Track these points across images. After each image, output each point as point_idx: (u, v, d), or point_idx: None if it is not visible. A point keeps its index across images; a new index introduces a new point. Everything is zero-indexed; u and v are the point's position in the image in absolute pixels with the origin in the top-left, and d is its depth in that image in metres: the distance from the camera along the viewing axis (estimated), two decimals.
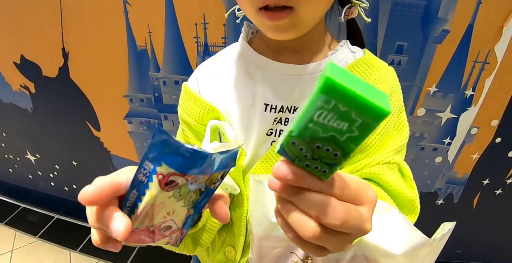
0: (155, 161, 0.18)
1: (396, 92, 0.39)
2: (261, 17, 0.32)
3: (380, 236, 0.27)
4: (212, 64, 0.43)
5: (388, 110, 0.13)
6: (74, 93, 0.94)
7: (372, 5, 0.61)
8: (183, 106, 0.42)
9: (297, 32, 0.34)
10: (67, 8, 0.80)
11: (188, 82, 0.43)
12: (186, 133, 0.42)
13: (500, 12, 0.62)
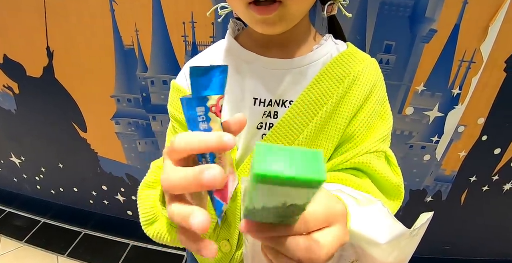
0: (201, 100, 0.19)
1: (379, 82, 0.40)
2: (251, 11, 0.33)
3: (365, 226, 0.28)
4: (200, 60, 0.44)
5: (321, 178, 0.14)
6: (60, 93, 0.92)
7: (360, 4, 0.61)
8: (173, 103, 0.43)
9: (284, 26, 0.35)
10: (51, 6, 0.78)
11: (176, 79, 0.44)
12: (177, 129, 0.43)
13: (486, 12, 0.63)
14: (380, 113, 0.39)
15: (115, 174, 1.04)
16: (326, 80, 0.38)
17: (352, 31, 0.64)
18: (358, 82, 0.38)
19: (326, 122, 0.38)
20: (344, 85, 0.38)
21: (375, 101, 0.38)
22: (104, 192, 1.12)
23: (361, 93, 0.38)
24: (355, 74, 0.38)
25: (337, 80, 0.38)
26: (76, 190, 1.18)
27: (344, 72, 0.38)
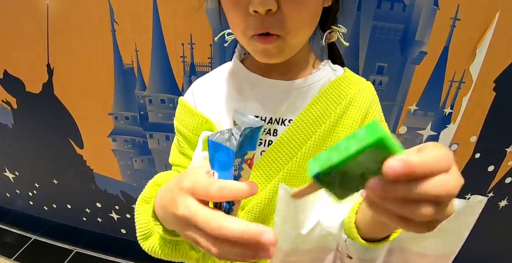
0: (242, 153, 0.23)
1: (375, 103, 0.43)
2: (253, 41, 0.36)
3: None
4: (207, 80, 0.47)
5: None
6: (58, 110, 0.92)
7: (353, 28, 0.64)
8: (179, 118, 0.45)
9: (284, 57, 0.38)
10: (54, 24, 0.80)
11: (184, 96, 0.47)
12: (181, 143, 0.45)
13: (473, 35, 0.65)
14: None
15: (110, 191, 1.03)
16: (324, 101, 0.41)
17: (346, 53, 0.66)
18: (355, 104, 0.41)
19: (324, 141, 0.39)
20: (341, 106, 0.40)
21: (372, 119, 0.41)
22: (98, 209, 1.10)
23: (358, 113, 0.40)
24: (351, 96, 0.41)
25: (335, 102, 0.41)
26: (69, 206, 1.16)
27: (341, 94, 0.41)
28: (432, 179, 0.18)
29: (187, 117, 0.44)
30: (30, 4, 0.79)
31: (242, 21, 0.35)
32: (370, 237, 0.31)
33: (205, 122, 0.42)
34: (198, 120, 0.42)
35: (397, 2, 0.62)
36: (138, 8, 0.71)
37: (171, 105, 0.80)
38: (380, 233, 0.30)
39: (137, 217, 0.38)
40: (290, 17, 0.33)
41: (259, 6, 0.32)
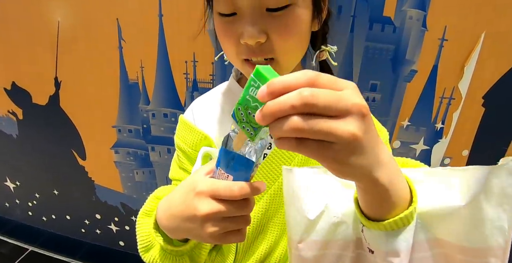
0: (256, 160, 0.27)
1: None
2: (247, 67, 0.38)
3: (433, 200, 0.26)
4: (206, 99, 0.50)
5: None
6: (63, 121, 0.95)
7: (347, 49, 0.68)
8: (180, 135, 0.48)
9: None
10: (64, 40, 0.84)
11: (184, 114, 0.49)
12: (181, 158, 0.47)
13: (461, 54, 0.69)
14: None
15: (110, 203, 1.04)
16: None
17: (341, 72, 0.70)
18: None
19: None
20: None
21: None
22: (97, 221, 1.10)
23: None
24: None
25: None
26: (68, 217, 1.16)
27: None
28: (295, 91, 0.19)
29: (187, 134, 0.46)
30: (42, 20, 0.83)
31: (234, 47, 0.37)
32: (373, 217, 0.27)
33: (204, 138, 0.45)
34: (198, 137, 0.45)
35: (388, 24, 0.66)
36: (145, 27, 0.75)
37: (173, 120, 0.83)
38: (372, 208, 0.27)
39: (138, 229, 0.39)
40: (279, 45, 0.36)
41: (249, 39, 0.34)
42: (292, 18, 0.35)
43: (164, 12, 0.72)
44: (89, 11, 0.78)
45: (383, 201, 0.25)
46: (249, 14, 0.34)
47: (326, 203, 0.31)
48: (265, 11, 0.35)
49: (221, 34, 0.38)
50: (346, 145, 0.20)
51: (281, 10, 0.35)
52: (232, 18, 0.36)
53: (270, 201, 0.43)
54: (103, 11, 0.77)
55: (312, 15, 0.39)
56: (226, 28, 0.37)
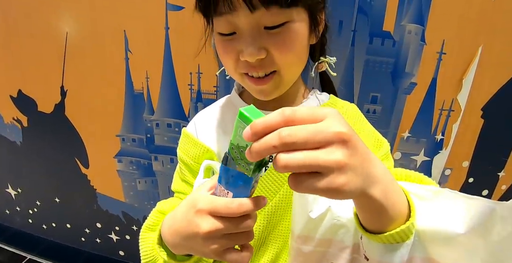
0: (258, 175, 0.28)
1: (360, 122, 0.47)
2: (246, 80, 0.39)
3: (435, 221, 0.26)
4: (208, 112, 0.51)
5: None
6: (67, 130, 0.96)
7: (348, 62, 0.70)
8: (182, 148, 0.49)
9: (279, 93, 0.42)
10: (71, 50, 0.86)
11: (187, 127, 0.51)
12: (183, 171, 0.48)
13: (459, 67, 0.70)
14: (373, 142, 0.45)
15: (111, 212, 1.04)
16: None
17: (342, 84, 0.71)
18: None
19: None
20: None
21: (362, 135, 0.44)
22: (97, 229, 1.10)
23: None
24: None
25: None
26: (69, 226, 1.16)
27: None
28: (275, 132, 0.21)
29: (190, 147, 0.47)
30: (51, 30, 0.85)
31: (233, 63, 0.39)
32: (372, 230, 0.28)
33: (206, 151, 0.45)
34: (200, 150, 0.46)
35: (387, 39, 0.68)
36: (151, 39, 0.77)
37: (177, 130, 0.84)
38: (370, 221, 0.28)
39: (142, 244, 0.40)
40: (280, 59, 0.37)
41: (249, 57, 0.36)
42: (290, 35, 0.37)
43: (171, 25, 0.74)
44: (97, 23, 0.80)
45: (380, 215, 0.25)
46: (248, 33, 0.36)
47: (329, 205, 0.33)
48: (263, 29, 0.36)
49: (221, 51, 0.40)
50: (334, 172, 0.21)
51: (279, 28, 0.36)
52: (231, 36, 0.38)
53: (271, 213, 0.43)
54: (110, 23, 0.79)
55: (309, 29, 0.40)
56: (226, 46, 0.38)
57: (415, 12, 0.65)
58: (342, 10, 0.65)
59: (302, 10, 0.38)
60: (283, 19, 0.36)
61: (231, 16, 0.36)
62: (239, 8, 0.35)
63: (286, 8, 0.35)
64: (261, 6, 0.34)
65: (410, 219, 0.26)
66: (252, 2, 0.34)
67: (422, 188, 0.30)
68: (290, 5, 0.35)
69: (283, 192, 0.43)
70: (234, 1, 0.34)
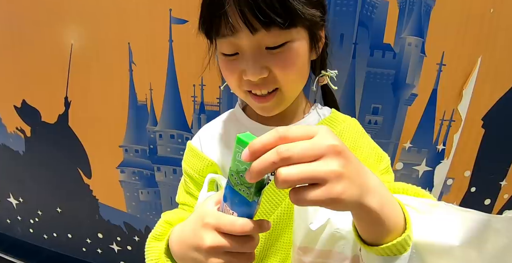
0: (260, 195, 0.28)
1: (361, 136, 0.48)
2: (249, 97, 0.40)
3: (431, 233, 0.27)
4: (213, 126, 0.52)
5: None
6: (70, 140, 0.96)
7: (349, 74, 0.71)
8: (187, 161, 0.50)
9: (280, 109, 0.43)
10: (76, 61, 0.87)
11: (192, 140, 0.52)
12: (188, 184, 0.49)
13: (459, 78, 0.71)
14: (373, 157, 0.46)
15: (113, 222, 1.03)
16: None
17: (343, 96, 0.72)
18: (342, 139, 0.45)
19: None
20: None
21: (361, 151, 0.45)
22: (99, 240, 1.09)
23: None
24: (337, 134, 0.46)
25: None
26: (70, 236, 1.15)
27: None
28: (273, 150, 0.23)
29: (194, 160, 0.48)
30: (56, 42, 0.86)
31: (237, 82, 0.40)
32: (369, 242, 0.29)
33: (211, 165, 0.47)
34: (204, 163, 0.47)
35: (388, 51, 0.69)
36: (155, 52, 0.78)
37: (180, 141, 0.85)
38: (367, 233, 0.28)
39: (148, 253, 0.40)
40: (281, 77, 0.38)
41: (251, 76, 0.37)
42: (291, 54, 0.38)
43: (174, 37, 0.76)
44: (102, 35, 0.82)
45: (377, 226, 0.26)
46: (250, 54, 0.38)
47: (329, 217, 0.34)
48: (264, 49, 0.38)
49: (224, 70, 0.41)
50: (332, 182, 0.22)
51: (280, 48, 0.38)
52: (234, 57, 0.39)
53: (273, 226, 0.44)
54: (115, 35, 0.80)
55: (310, 46, 0.41)
56: (230, 66, 0.40)
57: (414, 25, 0.67)
58: (343, 24, 0.67)
59: (301, 29, 0.39)
60: (283, 39, 0.37)
61: (233, 38, 0.37)
62: (240, 31, 0.36)
63: (286, 29, 0.36)
64: (262, 28, 0.36)
65: (405, 231, 0.27)
66: (253, 25, 0.35)
67: (418, 201, 0.30)
68: (290, 26, 0.36)
69: (284, 206, 0.43)
70: (235, 24, 0.36)
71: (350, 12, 0.66)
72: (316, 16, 0.39)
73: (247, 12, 0.35)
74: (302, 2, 0.36)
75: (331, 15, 0.66)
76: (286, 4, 0.35)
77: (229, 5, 0.35)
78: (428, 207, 0.29)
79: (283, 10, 0.35)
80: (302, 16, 0.36)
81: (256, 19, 0.35)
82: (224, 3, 0.35)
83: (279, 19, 0.34)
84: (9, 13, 0.89)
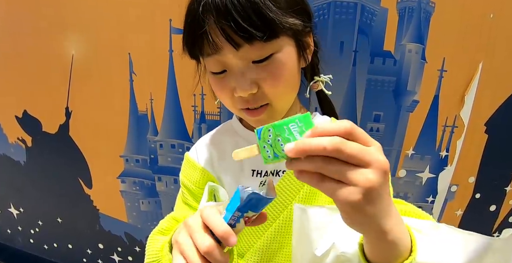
0: (244, 210, 0.28)
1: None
2: (244, 114, 0.41)
3: (434, 255, 0.28)
4: (210, 138, 0.52)
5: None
6: (71, 150, 0.96)
7: (350, 81, 0.70)
8: (185, 172, 0.50)
9: (275, 120, 0.42)
10: (77, 72, 0.87)
11: (189, 152, 0.52)
12: (185, 195, 0.49)
13: (460, 84, 0.71)
14: None
15: (114, 232, 1.02)
16: None
17: (344, 103, 0.72)
18: None
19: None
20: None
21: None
22: (99, 250, 1.08)
23: None
24: None
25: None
26: (70, 246, 1.14)
27: None
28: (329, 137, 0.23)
29: (191, 172, 0.48)
30: (57, 53, 0.87)
31: (229, 100, 0.40)
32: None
33: (207, 176, 0.47)
34: (201, 175, 0.47)
35: (388, 58, 0.69)
36: (155, 62, 0.78)
37: (181, 150, 0.84)
38: (377, 255, 0.29)
39: (150, 244, 0.41)
40: (271, 92, 0.39)
41: (241, 93, 0.37)
42: (278, 65, 0.38)
43: (174, 48, 0.76)
44: (102, 46, 0.82)
45: (388, 249, 0.27)
46: (237, 69, 0.38)
47: (334, 242, 0.34)
48: (251, 63, 0.38)
49: (216, 89, 0.42)
50: (361, 189, 0.22)
51: (266, 60, 0.38)
52: (223, 74, 0.40)
53: (274, 235, 0.43)
54: (115, 45, 0.81)
55: (298, 54, 0.41)
56: (220, 84, 0.40)
57: (414, 32, 0.67)
58: (343, 31, 0.67)
59: (285, 38, 0.39)
60: (268, 51, 0.37)
61: (218, 55, 0.37)
62: (224, 48, 0.36)
63: (269, 41, 0.36)
64: (245, 43, 0.36)
65: (411, 253, 0.27)
66: (235, 41, 0.35)
67: (421, 222, 0.32)
68: (271, 38, 0.36)
69: (282, 218, 0.43)
70: (217, 42, 0.36)
71: (350, 20, 0.66)
72: (297, 25, 0.38)
73: (227, 28, 0.35)
74: (280, 12, 0.36)
75: (330, 23, 0.66)
76: (263, 16, 0.35)
77: (208, 23, 0.35)
78: (430, 229, 0.30)
79: (261, 23, 0.34)
80: (281, 26, 0.36)
81: (236, 34, 0.35)
82: (204, 22, 0.35)
83: (258, 33, 0.34)
84: (11, 24, 0.90)
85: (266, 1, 0.35)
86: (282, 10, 0.36)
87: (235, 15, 0.34)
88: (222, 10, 0.34)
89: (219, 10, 0.34)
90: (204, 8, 0.35)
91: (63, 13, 0.83)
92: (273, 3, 0.35)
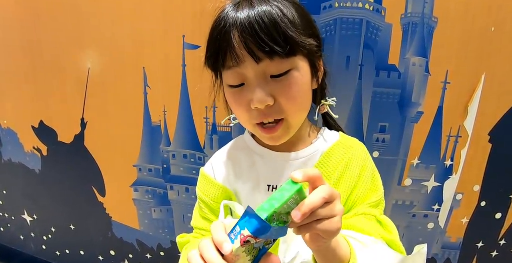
0: (242, 227, 0.28)
1: (367, 162, 0.50)
2: (258, 130, 0.43)
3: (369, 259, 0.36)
4: (224, 153, 0.54)
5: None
6: (85, 159, 0.99)
7: (356, 94, 0.73)
8: (201, 187, 0.52)
9: (287, 138, 0.45)
10: (92, 84, 0.91)
11: (205, 167, 0.54)
12: (203, 209, 0.51)
13: (464, 95, 0.72)
14: (371, 186, 0.48)
15: (125, 239, 1.04)
16: (323, 167, 0.47)
17: (351, 115, 0.74)
18: (350, 167, 0.47)
19: None
20: (339, 170, 0.47)
21: (365, 178, 0.47)
22: (111, 257, 1.10)
23: (353, 174, 0.47)
24: (346, 161, 0.47)
25: (333, 167, 0.47)
26: (82, 253, 1.16)
27: (338, 160, 0.48)
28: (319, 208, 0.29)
29: (208, 188, 0.50)
30: (74, 66, 0.90)
31: (245, 113, 0.42)
32: None
33: (224, 191, 0.49)
34: (218, 190, 0.49)
35: (393, 71, 0.71)
36: (169, 76, 0.82)
37: (193, 160, 0.87)
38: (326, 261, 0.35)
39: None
40: (286, 106, 0.41)
41: (258, 104, 0.40)
42: (294, 81, 0.41)
43: (187, 62, 0.79)
44: (118, 60, 0.86)
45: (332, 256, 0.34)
46: (256, 82, 0.40)
47: (298, 251, 0.41)
48: (269, 77, 0.40)
49: (232, 102, 0.44)
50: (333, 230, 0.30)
51: (283, 75, 0.40)
52: (241, 88, 0.42)
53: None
54: (130, 59, 0.84)
55: (311, 74, 0.44)
56: (237, 97, 0.43)
57: (418, 46, 0.69)
58: (349, 46, 0.70)
59: (301, 58, 0.42)
60: (286, 67, 0.40)
61: (238, 68, 0.40)
62: (245, 61, 0.39)
63: (287, 58, 0.40)
64: (265, 57, 0.39)
65: (350, 259, 0.35)
66: (257, 54, 0.39)
67: (364, 237, 0.40)
68: (290, 54, 0.40)
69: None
70: (240, 55, 0.39)
71: (355, 35, 0.69)
72: (312, 45, 0.42)
73: (250, 43, 0.38)
74: (299, 32, 0.40)
75: (337, 38, 0.69)
76: (283, 33, 0.38)
77: (234, 37, 0.39)
78: (370, 243, 0.39)
79: (281, 39, 0.38)
80: (299, 44, 0.40)
81: (258, 49, 0.38)
82: (230, 37, 0.39)
83: (279, 48, 0.38)
84: (31, 38, 0.94)
85: (286, 21, 0.39)
86: (299, 30, 0.40)
87: (258, 31, 0.37)
88: (247, 26, 0.38)
89: (244, 26, 0.38)
90: (231, 24, 0.39)
91: (81, 28, 0.87)
92: (292, 24, 0.39)
